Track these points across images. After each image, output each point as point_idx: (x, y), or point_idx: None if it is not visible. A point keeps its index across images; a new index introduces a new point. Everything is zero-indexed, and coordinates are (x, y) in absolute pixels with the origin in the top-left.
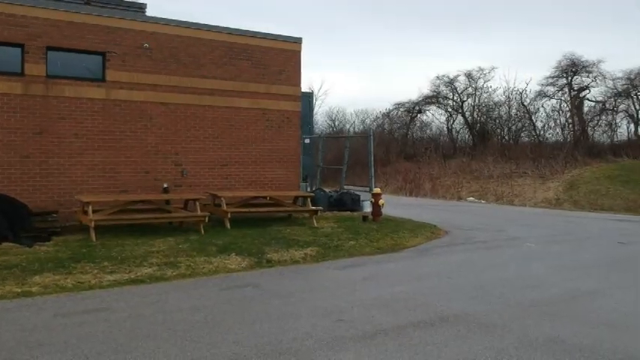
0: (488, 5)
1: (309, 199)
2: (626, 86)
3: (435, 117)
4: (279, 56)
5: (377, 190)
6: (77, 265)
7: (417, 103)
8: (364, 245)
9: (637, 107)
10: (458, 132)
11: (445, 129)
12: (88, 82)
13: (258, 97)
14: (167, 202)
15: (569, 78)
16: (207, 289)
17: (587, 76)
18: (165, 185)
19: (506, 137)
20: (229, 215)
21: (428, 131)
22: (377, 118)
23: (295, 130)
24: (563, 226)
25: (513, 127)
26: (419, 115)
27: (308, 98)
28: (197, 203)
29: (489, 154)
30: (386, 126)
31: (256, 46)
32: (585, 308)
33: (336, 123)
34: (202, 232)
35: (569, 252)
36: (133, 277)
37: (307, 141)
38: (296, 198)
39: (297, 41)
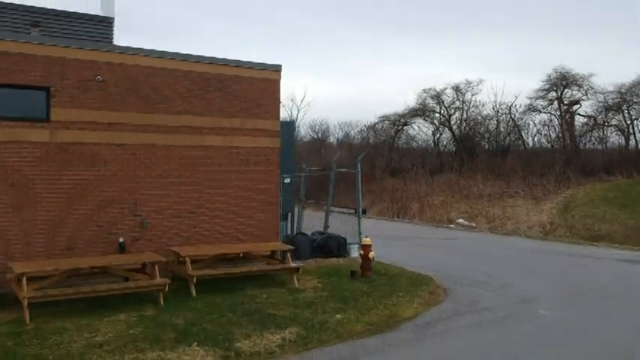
0: (477, 15)
1: (288, 254)
2: (617, 100)
3: (421, 130)
4: (256, 87)
5: (366, 240)
6: None
7: (402, 116)
8: (354, 320)
9: (628, 122)
10: (445, 146)
11: (432, 143)
12: (29, 122)
13: (231, 134)
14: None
15: (560, 92)
16: None
17: (578, 90)
18: (120, 240)
19: (495, 152)
20: (195, 279)
21: (414, 144)
22: (361, 130)
23: (274, 168)
24: (571, 274)
25: (502, 143)
26: (404, 128)
27: (288, 127)
28: (156, 266)
29: (478, 170)
30: (371, 140)
31: (229, 76)
32: None
33: (319, 135)
34: (162, 302)
35: (593, 324)
36: None
37: (287, 181)
38: (274, 251)
39: (276, 69)
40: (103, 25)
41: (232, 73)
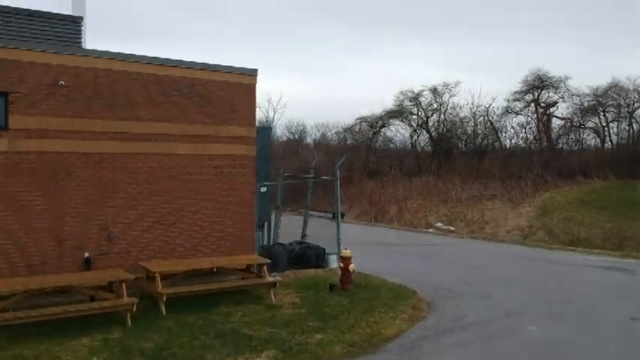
0: (454, 16)
1: (265, 267)
2: (593, 103)
3: (398, 131)
4: (231, 92)
5: (346, 252)
6: None
7: (380, 117)
8: (334, 340)
9: (604, 124)
10: (422, 147)
11: (409, 145)
12: None
13: (204, 141)
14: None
15: (537, 94)
16: None
17: (555, 92)
18: (86, 255)
19: (473, 154)
20: (165, 297)
21: (392, 146)
22: (338, 132)
23: (250, 177)
24: (552, 283)
25: (480, 144)
26: (382, 130)
27: (265, 132)
28: (123, 285)
29: (456, 173)
30: (348, 141)
31: (202, 80)
32: None
33: (296, 136)
34: (129, 323)
35: (580, 338)
36: None
37: (263, 189)
38: (250, 264)
39: (252, 73)
40: (71, 25)
41: (205, 78)
